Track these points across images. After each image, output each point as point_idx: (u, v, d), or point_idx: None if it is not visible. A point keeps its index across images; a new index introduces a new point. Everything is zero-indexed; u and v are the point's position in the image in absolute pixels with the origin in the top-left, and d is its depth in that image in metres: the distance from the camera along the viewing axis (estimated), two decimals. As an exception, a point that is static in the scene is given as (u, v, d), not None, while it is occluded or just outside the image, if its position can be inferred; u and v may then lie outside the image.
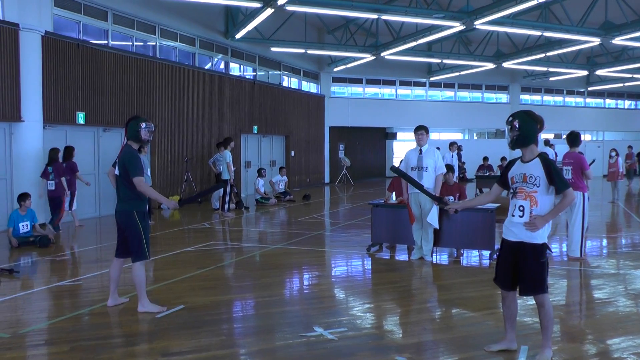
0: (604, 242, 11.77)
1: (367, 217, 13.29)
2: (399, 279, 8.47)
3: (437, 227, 9.41)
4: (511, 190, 5.04)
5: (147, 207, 13.78)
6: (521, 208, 4.87)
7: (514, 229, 4.94)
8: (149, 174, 14.38)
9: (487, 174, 22.20)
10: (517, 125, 4.88)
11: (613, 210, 17.09)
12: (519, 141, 4.92)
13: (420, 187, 6.51)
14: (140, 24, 17.28)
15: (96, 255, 10.33)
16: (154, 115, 17.06)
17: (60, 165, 12.75)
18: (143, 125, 6.49)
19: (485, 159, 23.20)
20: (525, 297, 6.84)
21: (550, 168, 4.79)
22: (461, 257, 9.97)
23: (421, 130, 9.44)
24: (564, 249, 10.40)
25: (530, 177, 4.85)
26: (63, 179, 12.61)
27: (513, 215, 4.94)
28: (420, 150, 9.41)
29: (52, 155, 12.72)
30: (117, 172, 6.44)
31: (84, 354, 5.19)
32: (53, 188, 12.53)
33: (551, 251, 4.68)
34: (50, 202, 12.71)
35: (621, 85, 34.37)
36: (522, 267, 4.89)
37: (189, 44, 19.62)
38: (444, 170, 9.62)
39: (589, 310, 6.85)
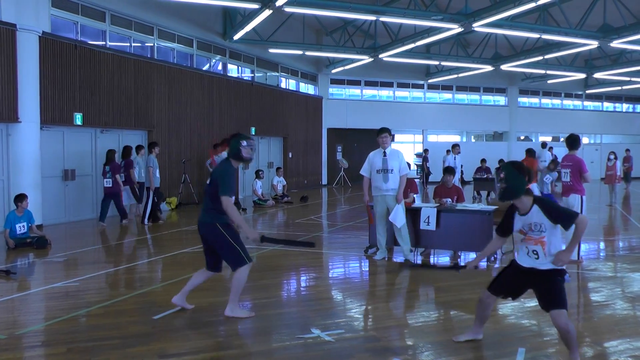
0: (602, 245, 11.77)
1: (364, 219, 13.27)
2: (396, 280, 8.46)
3: (400, 226, 9.49)
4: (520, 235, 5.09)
5: (151, 208, 13.97)
6: (535, 252, 4.89)
7: (532, 263, 4.95)
8: (158, 175, 14.36)
9: (485, 176, 22.20)
10: (503, 177, 4.88)
11: (610, 214, 17.10)
12: (507, 195, 4.90)
13: None
14: (138, 25, 17.27)
15: (94, 257, 10.30)
16: (151, 116, 17.05)
17: (116, 165, 14.10)
18: (244, 143, 6.33)
19: (483, 161, 23.22)
20: (522, 299, 6.85)
21: (551, 210, 4.79)
22: (459, 260, 9.97)
23: (385, 133, 9.59)
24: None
25: (535, 225, 4.84)
26: (118, 176, 13.95)
27: (528, 256, 4.96)
28: (385, 152, 9.55)
29: (109, 155, 14.13)
30: (208, 181, 6.42)
31: (81, 355, 5.17)
32: (110, 185, 13.98)
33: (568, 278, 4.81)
34: (108, 197, 14.09)
35: (619, 88, 34.44)
36: (543, 285, 4.90)
37: (186, 45, 19.61)
38: (408, 171, 9.80)
39: (587, 313, 6.85)
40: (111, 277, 8.55)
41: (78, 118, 14.41)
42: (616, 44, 21.09)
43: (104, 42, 16.00)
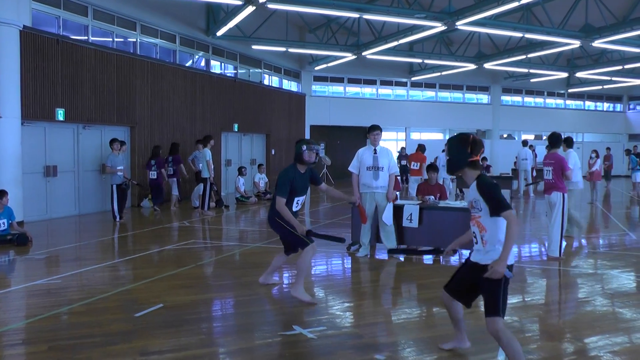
0: (583, 242, 11.88)
1: (347, 215, 13.29)
2: (379, 277, 8.48)
3: (391, 224, 9.61)
4: None
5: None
6: (474, 234, 4.64)
7: (476, 254, 4.66)
8: (120, 173, 14.22)
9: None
10: (447, 150, 4.79)
11: (592, 211, 17.26)
12: (449, 166, 4.72)
13: None
14: (121, 20, 17.14)
15: (75, 254, 10.22)
16: (133, 112, 16.94)
17: (161, 159, 16.24)
18: (304, 147, 6.97)
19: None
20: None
21: (484, 188, 4.46)
22: (440, 257, 10.00)
23: (376, 131, 9.67)
24: (544, 249, 10.49)
25: (475, 201, 4.58)
26: (163, 170, 15.82)
27: (475, 242, 4.69)
28: (375, 150, 9.60)
29: (155, 151, 16.44)
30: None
31: (62, 353, 5.13)
32: (155, 177, 16.20)
33: (510, 274, 4.43)
34: (153, 188, 16.39)
35: (600, 87, 34.81)
36: (482, 286, 4.57)
37: (169, 41, 19.50)
38: (397, 170, 9.92)
39: (568, 309, 6.92)
40: (93, 275, 8.49)
41: (60, 114, 14.27)
42: (597, 43, 21.30)
43: (86, 37, 15.86)
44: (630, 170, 23.04)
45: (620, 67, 27.71)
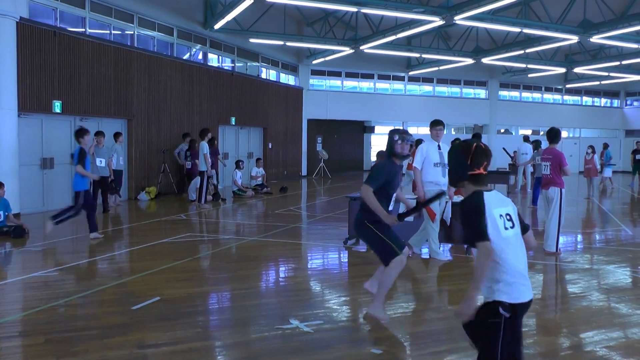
0: (579, 237, 11.91)
1: (344, 210, 13.29)
2: (375, 272, 8.47)
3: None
4: None
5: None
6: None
7: None
8: (102, 164, 14.17)
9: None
10: (448, 158, 4.02)
11: (588, 207, 17.29)
12: (450, 177, 3.95)
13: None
14: (118, 12, 17.07)
15: (72, 247, 10.22)
16: (131, 105, 16.91)
17: (195, 151, 16.56)
18: (396, 137, 6.02)
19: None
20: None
21: (462, 212, 3.68)
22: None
23: (440, 126, 9.17)
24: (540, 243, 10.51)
25: None
26: (198, 160, 15.81)
27: None
28: (439, 146, 9.19)
29: (192, 144, 17.54)
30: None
31: (59, 345, 5.14)
32: (190, 167, 17.57)
33: (509, 313, 3.44)
34: (188, 177, 17.72)
35: (598, 83, 34.81)
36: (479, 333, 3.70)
37: (167, 34, 19.44)
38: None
39: (564, 304, 6.93)
40: (89, 267, 8.49)
41: (57, 106, 14.23)
42: (596, 39, 21.28)
43: (83, 29, 15.80)
44: (601, 164, 23.25)
45: (618, 63, 27.72)
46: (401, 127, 6.37)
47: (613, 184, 23.94)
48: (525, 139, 21.57)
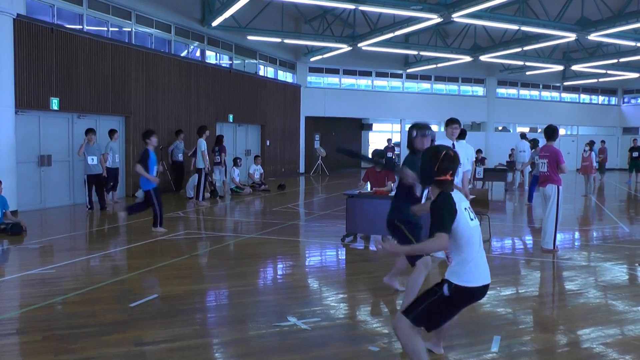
0: (576, 234, 11.93)
1: (341, 207, 13.30)
2: (373, 269, 8.49)
3: None
4: None
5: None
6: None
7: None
8: (94, 162, 14.15)
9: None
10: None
11: (585, 204, 17.32)
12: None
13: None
14: (116, 9, 17.04)
15: (70, 244, 10.20)
16: (128, 102, 16.88)
17: (223, 147, 18.42)
18: (414, 133, 5.93)
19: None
20: (498, 288, 6.95)
21: (435, 205, 4.06)
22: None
23: (455, 124, 8.84)
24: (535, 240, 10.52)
25: None
26: (223, 154, 17.89)
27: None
28: (454, 144, 8.84)
29: (219, 139, 18.60)
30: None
31: (57, 343, 5.13)
32: (219, 161, 18.31)
33: (448, 294, 4.05)
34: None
35: (595, 81, 34.85)
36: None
37: (165, 31, 19.41)
38: (469, 167, 9.27)
39: (561, 301, 6.95)
40: (87, 265, 8.48)
41: (54, 103, 14.22)
42: (593, 37, 21.31)
43: (81, 26, 15.77)
44: (599, 161, 23.32)
45: (616, 61, 27.74)
46: (422, 122, 6.11)
47: (597, 182, 23.79)
48: (523, 136, 21.60)
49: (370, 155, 12.76)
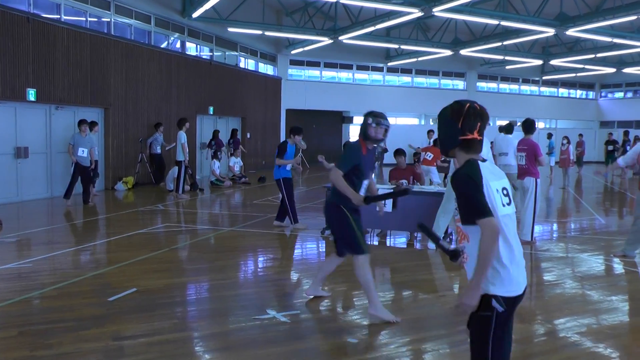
0: (554, 226, 12.05)
1: (321, 200, 13.29)
2: (352, 262, 8.51)
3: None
4: None
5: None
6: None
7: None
8: (84, 154, 13.88)
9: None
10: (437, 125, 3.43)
11: (563, 196, 17.49)
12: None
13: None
14: None
15: (47, 237, 10.11)
16: (107, 93, 16.72)
17: (237, 140, 20.80)
18: (370, 120, 5.73)
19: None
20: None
21: (455, 182, 3.05)
22: (415, 241, 10.08)
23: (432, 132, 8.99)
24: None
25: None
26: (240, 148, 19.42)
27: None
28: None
29: (234, 132, 21.30)
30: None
31: (33, 338, 5.08)
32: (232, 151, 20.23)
33: (504, 308, 2.90)
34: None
35: (574, 75, 35.23)
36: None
37: (144, 22, 19.23)
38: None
39: (539, 292, 7.01)
40: (65, 258, 8.41)
41: (31, 94, 14.02)
42: (572, 32, 21.52)
43: (58, 16, 15.57)
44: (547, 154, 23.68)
45: (593, 56, 28.18)
46: (378, 111, 6.01)
47: (552, 174, 23.97)
48: (502, 129, 21.72)
49: (343, 148, 12.81)
